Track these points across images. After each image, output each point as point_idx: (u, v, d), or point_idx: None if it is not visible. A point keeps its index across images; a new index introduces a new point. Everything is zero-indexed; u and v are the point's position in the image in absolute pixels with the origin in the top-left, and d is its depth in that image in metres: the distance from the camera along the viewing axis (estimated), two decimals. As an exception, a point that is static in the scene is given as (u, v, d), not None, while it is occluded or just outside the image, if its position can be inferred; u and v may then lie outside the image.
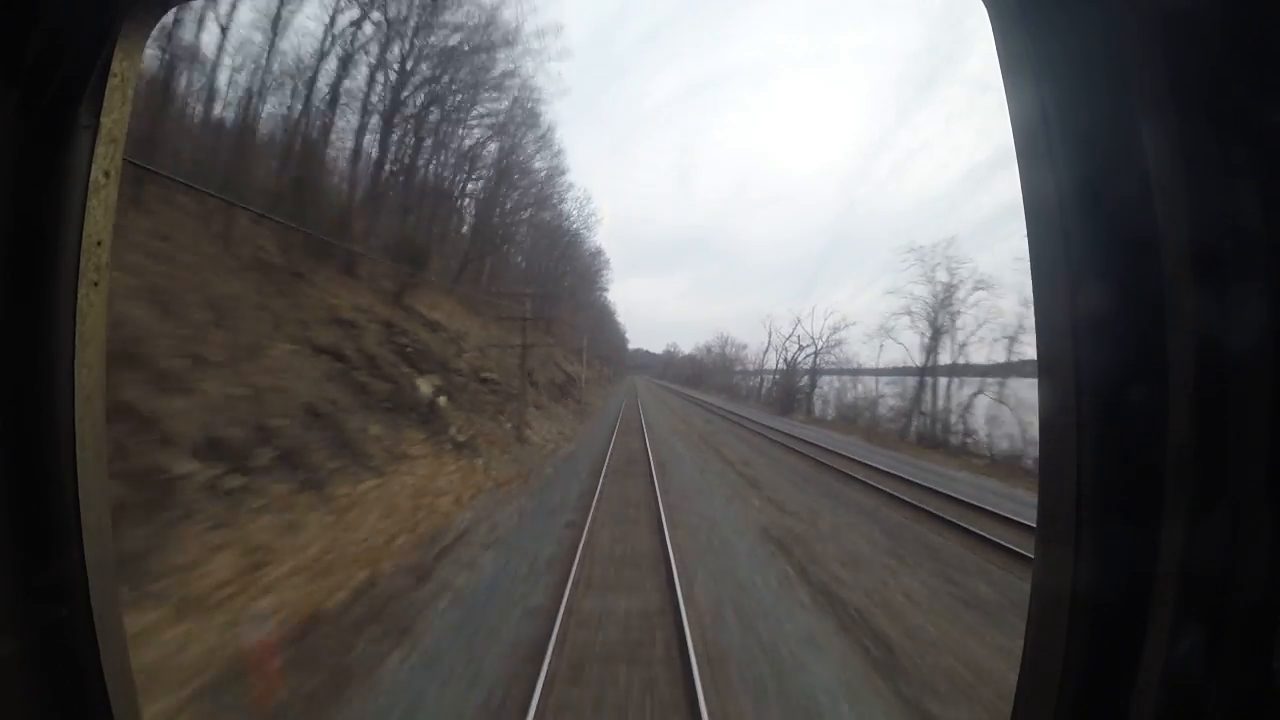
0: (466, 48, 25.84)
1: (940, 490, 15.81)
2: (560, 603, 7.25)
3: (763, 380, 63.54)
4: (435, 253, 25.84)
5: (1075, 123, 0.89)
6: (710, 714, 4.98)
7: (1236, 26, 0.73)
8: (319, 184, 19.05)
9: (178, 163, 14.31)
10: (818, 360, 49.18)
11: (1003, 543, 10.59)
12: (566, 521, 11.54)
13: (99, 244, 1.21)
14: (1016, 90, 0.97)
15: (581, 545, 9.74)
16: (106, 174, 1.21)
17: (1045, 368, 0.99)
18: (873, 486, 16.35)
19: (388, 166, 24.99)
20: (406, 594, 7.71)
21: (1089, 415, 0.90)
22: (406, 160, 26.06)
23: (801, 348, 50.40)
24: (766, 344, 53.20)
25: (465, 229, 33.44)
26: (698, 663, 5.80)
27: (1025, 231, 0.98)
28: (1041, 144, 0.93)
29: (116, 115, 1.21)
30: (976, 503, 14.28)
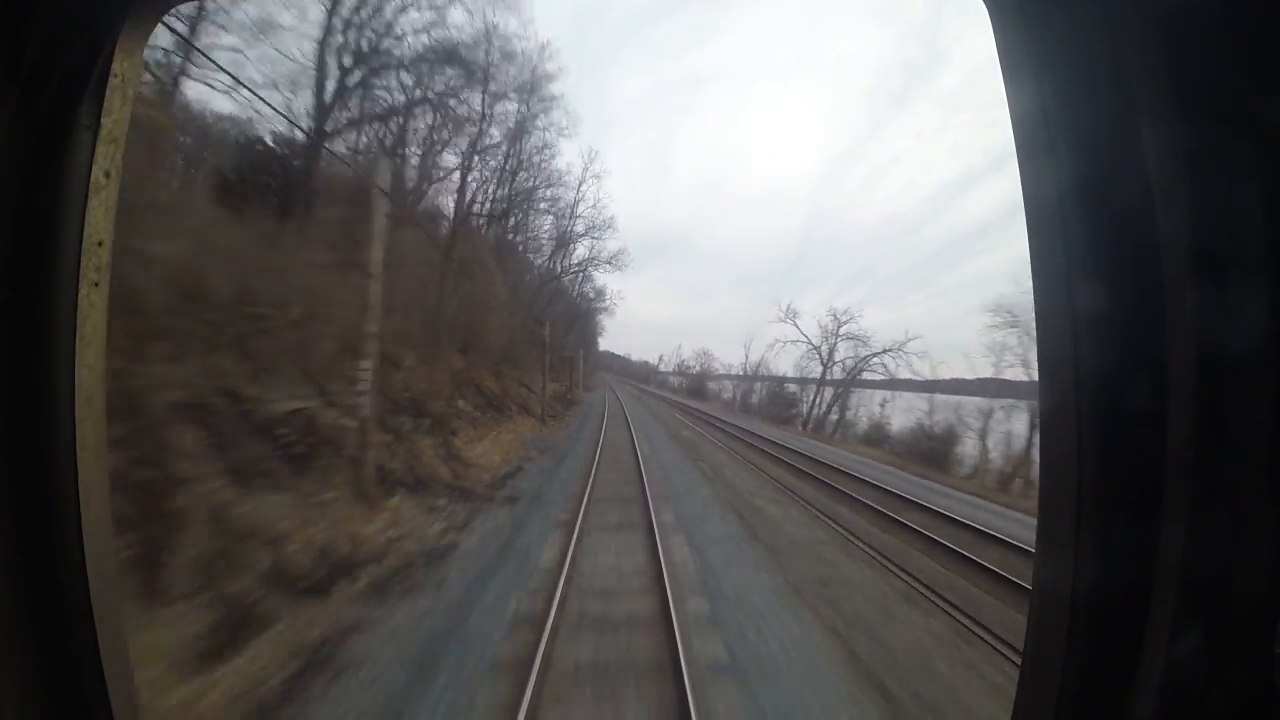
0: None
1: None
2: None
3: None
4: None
5: (1075, 122, 0.89)
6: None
7: (1236, 26, 0.73)
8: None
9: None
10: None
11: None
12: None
13: (99, 244, 1.21)
14: (1016, 89, 0.96)
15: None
16: (107, 174, 1.21)
17: (1045, 368, 0.98)
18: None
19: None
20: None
21: (1089, 415, 0.90)
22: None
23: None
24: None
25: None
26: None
27: (1025, 231, 0.98)
28: (1042, 143, 0.92)
29: (117, 115, 1.21)
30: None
